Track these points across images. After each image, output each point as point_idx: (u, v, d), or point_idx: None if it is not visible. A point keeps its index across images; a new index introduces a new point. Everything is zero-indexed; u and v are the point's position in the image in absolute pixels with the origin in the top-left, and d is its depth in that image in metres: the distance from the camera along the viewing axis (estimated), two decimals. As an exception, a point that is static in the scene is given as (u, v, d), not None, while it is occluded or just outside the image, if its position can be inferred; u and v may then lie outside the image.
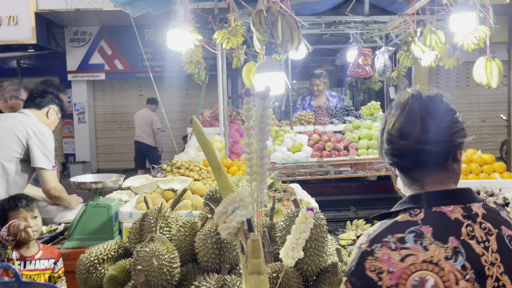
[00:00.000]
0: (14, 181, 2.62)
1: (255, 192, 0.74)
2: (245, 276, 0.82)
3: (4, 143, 2.59)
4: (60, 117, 2.96)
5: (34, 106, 2.83)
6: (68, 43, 11.02)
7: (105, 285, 1.68)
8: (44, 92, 2.87)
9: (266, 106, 0.67)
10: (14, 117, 2.71)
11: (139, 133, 9.06)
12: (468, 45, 3.08)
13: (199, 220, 1.75)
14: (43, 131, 2.68)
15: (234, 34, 2.69)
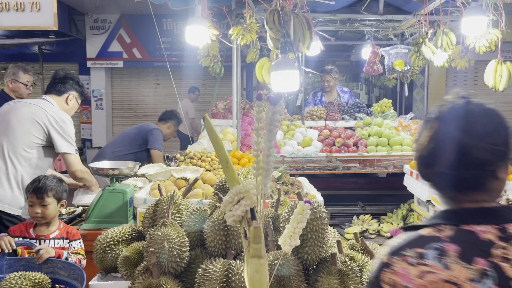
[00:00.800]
0: (37, 166, 2.74)
1: (260, 185, 0.83)
2: (246, 259, 0.92)
3: (27, 130, 2.69)
4: (79, 103, 3.06)
5: (55, 92, 2.94)
6: (89, 31, 11.20)
7: (119, 265, 1.80)
8: (64, 79, 2.97)
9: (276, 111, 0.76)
10: (36, 104, 2.81)
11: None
12: (480, 47, 3.11)
13: (208, 208, 1.86)
14: (63, 118, 2.79)
15: (249, 30, 2.78)
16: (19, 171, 2.66)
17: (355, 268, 1.63)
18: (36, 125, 2.70)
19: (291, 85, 2.15)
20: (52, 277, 1.98)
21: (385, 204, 4.29)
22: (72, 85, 2.97)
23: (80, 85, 3.03)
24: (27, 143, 2.68)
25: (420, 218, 3.24)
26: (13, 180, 2.64)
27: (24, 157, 2.68)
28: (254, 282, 0.92)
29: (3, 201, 2.60)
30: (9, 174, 2.63)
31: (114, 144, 4.27)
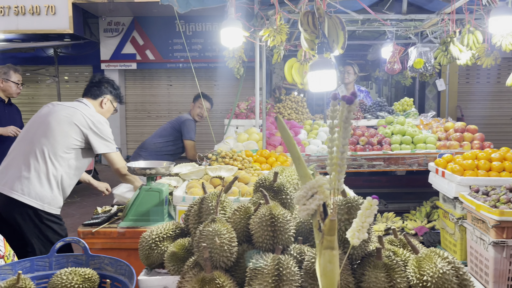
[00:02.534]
0: (76, 167, 2.83)
1: (334, 181, 0.89)
2: (319, 251, 0.97)
3: (66, 132, 2.76)
4: (115, 106, 3.13)
5: (90, 96, 3.02)
6: (102, 33, 11.35)
7: (166, 260, 1.86)
8: (99, 83, 3.05)
9: (351, 109, 0.81)
10: (74, 107, 2.88)
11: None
12: (506, 46, 3.13)
13: (251, 205, 1.91)
14: (99, 120, 2.87)
15: (279, 32, 2.84)
16: (59, 172, 2.74)
17: (399, 263, 1.67)
18: (74, 128, 2.78)
19: (328, 85, 2.20)
20: (100, 273, 2.04)
21: (406, 201, 4.32)
22: (107, 88, 3.05)
23: (115, 88, 3.11)
24: (66, 145, 2.76)
25: (446, 215, 3.27)
26: (53, 181, 2.72)
27: (64, 158, 2.75)
28: (327, 272, 0.97)
29: (43, 200, 2.68)
30: (50, 174, 2.71)
31: (155, 137, 4.68)
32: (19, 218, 2.68)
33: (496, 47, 3.33)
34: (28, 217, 2.68)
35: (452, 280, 1.50)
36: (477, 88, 10.65)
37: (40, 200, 2.67)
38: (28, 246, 2.75)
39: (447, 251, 3.32)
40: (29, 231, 2.70)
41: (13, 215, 2.69)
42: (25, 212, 2.67)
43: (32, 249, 2.74)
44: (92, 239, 2.51)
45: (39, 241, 2.71)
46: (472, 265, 2.86)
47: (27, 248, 2.76)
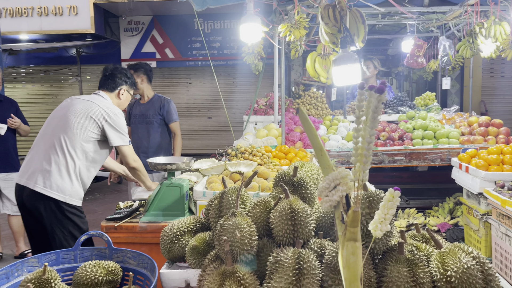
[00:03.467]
0: (93, 159, 2.89)
1: (358, 172, 0.88)
2: (342, 243, 0.97)
3: (83, 125, 2.84)
4: (132, 93, 3.23)
5: (106, 89, 3.10)
6: (123, 32, 11.50)
7: (188, 254, 1.88)
8: (113, 75, 3.11)
9: (381, 99, 0.80)
10: (90, 100, 2.95)
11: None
12: (533, 36, 3.03)
13: (271, 200, 1.92)
14: (115, 112, 2.94)
15: (297, 26, 2.82)
16: (77, 164, 2.82)
17: (422, 257, 1.65)
18: (91, 121, 2.85)
19: (352, 79, 2.18)
20: (122, 266, 2.07)
21: (428, 197, 4.25)
22: (121, 79, 3.12)
23: (129, 77, 3.17)
24: (84, 137, 2.83)
25: (470, 211, 3.20)
26: (73, 173, 2.80)
27: (82, 150, 2.83)
28: (350, 264, 0.96)
29: (64, 192, 2.76)
30: (69, 167, 2.79)
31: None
32: (42, 210, 2.77)
33: (521, 38, 3.24)
34: (50, 210, 2.76)
35: (477, 276, 1.47)
36: (502, 83, 10.37)
37: (62, 192, 2.76)
38: (51, 239, 2.82)
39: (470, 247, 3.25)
40: (52, 223, 2.78)
41: (37, 208, 2.78)
42: (48, 205, 2.76)
43: (54, 241, 2.81)
44: (115, 233, 2.55)
45: (61, 233, 2.79)
46: (497, 262, 2.79)
47: (51, 241, 2.84)
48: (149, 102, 4.36)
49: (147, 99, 4.38)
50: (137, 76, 4.25)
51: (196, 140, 11.76)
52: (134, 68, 4.30)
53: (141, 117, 4.32)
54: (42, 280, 1.67)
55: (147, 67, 4.39)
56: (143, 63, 4.43)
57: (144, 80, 4.33)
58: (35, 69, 12.08)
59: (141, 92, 4.34)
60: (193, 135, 11.70)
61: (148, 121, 4.27)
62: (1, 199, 4.68)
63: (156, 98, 4.37)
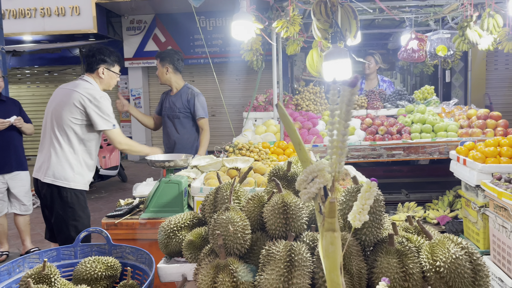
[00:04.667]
0: (89, 142, 3.06)
1: (335, 164, 0.91)
2: (321, 233, 1.00)
3: (68, 114, 2.96)
4: (116, 71, 3.19)
5: (87, 70, 3.16)
6: (125, 32, 11.57)
7: (184, 249, 1.92)
8: (91, 56, 3.13)
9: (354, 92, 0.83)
10: (71, 89, 3.04)
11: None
12: (528, 28, 3.03)
13: (265, 194, 1.95)
14: (95, 96, 2.98)
15: (292, 23, 2.85)
16: (75, 150, 2.98)
17: (412, 249, 1.68)
18: (74, 108, 2.95)
19: (343, 74, 2.20)
20: (121, 261, 2.12)
21: (428, 191, 4.26)
22: (98, 58, 3.11)
23: (108, 55, 3.13)
24: (73, 125, 2.97)
25: (468, 204, 3.22)
26: (72, 159, 2.98)
27: (75, 137, 2.98)
28: (329, 254, 0.99)
29: (67, 179, 2.96)
30: (67, 155, 2.96)
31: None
32: (50, 198, 2.98)
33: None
34: (58, 197, 2.96)
35: (465, 266, 1.50)
36: (507, 75, 10.30)
37: (65, 179, 2.95)
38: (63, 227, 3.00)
39: (468, 239, 3.27)
40: (61, 211, 2.97)
41: (47, 197, 2.99)
42: (54, 193, 2.96)
43: (62, 230, 3.01)
44: (116, 230, 2.60)
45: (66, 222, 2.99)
46: (495, 253, 2.81)
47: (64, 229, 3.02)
48: (177, 94, 3.99)
49: (176, 91, 4.01)
50: (162, 66, 3.94)
51: (200, 138, 11.79)
52: (160, 56, 3.96)
53: (169, 110, 4.00)
54: (42, 276, 1.72)
55: (175, 56, 3.94)
56: (171, 51, 4.01)
57: (169, 70, 3.93)
58: (39, 70, 12.19)
59: (168, 83, 4.00)
60: (197, 132, 11.71)
61: (174, 115, 3.96)
62: (9, 199, 4.75)
63: (184, 90, 3.99)
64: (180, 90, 3.99)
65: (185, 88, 4.00)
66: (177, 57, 3.95)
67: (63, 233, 2.98)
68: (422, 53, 4.70)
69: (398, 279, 1.54)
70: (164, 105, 4.10)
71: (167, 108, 4.04)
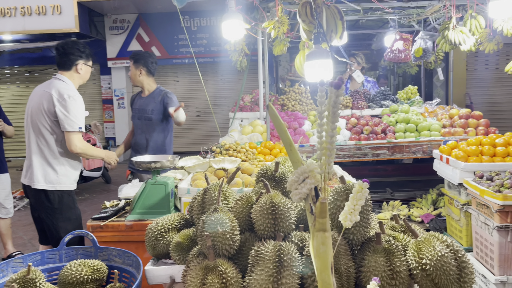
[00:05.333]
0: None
1: (324, 165, 0.92)
2: (312, 233, 1.01)
3: (43, 115, 2.92)
4: (90, 65, 3.15)
5: (63, 68, 3.06)
6: (108, 31, 11.42)
7: (172, 250, 1.91)
8: (66, 53, 3.03)
9: (339, 94, 0.84)
10: (44, 90, 2.98)
11: None
12: (508, 30, 3.11)
13: (253, 195, 1.95)
14: (63, 95, 2.90)
15: (281, 23, 2.85)
16: (55, 151, 2.94)
17: (399, 247, 1.70)
18: (48, 109, 2.91)
19: (324, 75, 2.22)
20: (108, 264, 2.10)
21: (413, 189, 4.33)
22: (75, 54, 3.03)
23: (83, 50, 3.08)
24: (49, 125, 2.93)
25: (451, 202, 3.28)
26: (53, 161, 2.93)
27: (54, 139, 2.94)
28: (320, 254, 1.00)
29: (52, 182, 2.92)
30: (47, 157, 2.92)
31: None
32: (39, 204, 2.94)
33: (497, 31, 3.31)
34: (46, 201, 2.92)
35: (450, 263, 1.52)
36: (486, 75, 10.53)
37: (50, 182, 2.91)
38: (52, 231, 2.97)
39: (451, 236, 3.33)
40: (47, 215, 2.93)
41: (35, 202, 2.96)
42: (41, 197, 2.92)
43: (52, 233, 2.97)
44: (101, 233, 2.57)
45: (55, 225, 2.95)
46: (478, 250, 2.87)
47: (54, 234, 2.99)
48: (150, 96, 3.91)
49: (148, 93, 3.94)
50: (135, 68, 3.87)
51: (185, 138, 11.75)
52: (134, 58, 3.90)
53: (140, 111, 3.93)
54: (27, 280, 1.69)
55: (149, 59, 3.90)
56: (144, 53, 3.97)
57: (142, 73, 3.86)
58: (20, 70, 11.94)
59: (140, 85, 3.94)
60: (182, 133, 11.68)
61: (146, 116, 3.87)
62: None
63: (157, 92, 3.92)
64: (153, 92, 3.94)
65: (158, 91, 3.95)
66: (151, 60, 3.91)
67: (54, 236, 2.94)
68: (407, 53, 4.77)
69: (385, 277, 1.56)
70: (134, 107, 4.03)
71: (137, 110, 3.97)
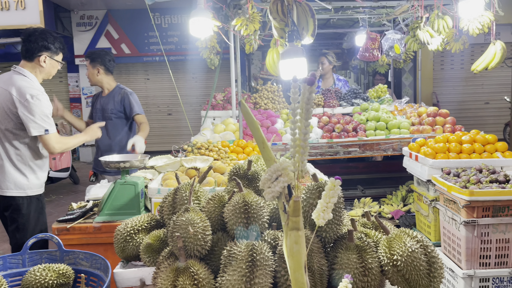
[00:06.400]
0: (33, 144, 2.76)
1: (297, 162, 0.90)
2: (286, 232, 0.99)
3: (5, 118, 2.67)
4: (59, 60, 2.84)
5: (25, 58, 2.74)
6: (75, 27, 11.10)
7: (142, 252, 1.86)
8: (29, 41, 2.71)
9: (312, 90, 0.82)
10: (3, 87, 2.67)
11: None
12: (473, 30, 3.20)
13: (225, 194, 1.92)
14: (25, 96, 2.61)
15: (251, 21, 2.83)
16: (23, 156, 2.73)
17: (371, 244, 1.71)
18: (8, 111, 2.66)
19: (298, 73, 2.22)
20: (75, 268, 2.03)
21: (383, 186, 4.41)
22: (39, 44, 2.70)
23: (51, 41, 2.74)
24: (13, 128, 2.69)
25: (420, 198, 3.35)
26: (23, 166, 2.74)
27: (19, 142, 2.71)
28: (293, 253, 0.99)
29: (23, 187, 2.74)
30: (15, 162, 2.72)
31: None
32: (12, 211, 2.76)
33: (463, 31, 3.41)
34: (18, 208, 2.75)
35: (421, 258, 1.55)
36: (452, 74, 10.87)
37: (21, 188, 2.73)
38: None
39: (420, 232, 3.40)
40: (20, 221, 2.78)
41: (9, 210, 2.77)
42: (13, 204, 2.74)
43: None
44: (68, 235, 2.48)
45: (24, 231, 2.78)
46: (446, 245, 2.94)
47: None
48: (109, 95, 3.86)
49: (108, 92, 3.88)
50: (92, 67, 3.79)
51: (156, 137, 11.56)
52: (90, 57, 3.82)
53: (101, 111, 3.86)
54: (-14, 287, 1.60)
55: (106, 57, 3.83)
56: (102, 52, 3.89)
57: (100, 71, 3.80)
58: (-19, 67, 11.45)
59: (99, 85, 3.89)
60: (153, 132, 11.48)
61: (106, 116, 3.81)
62: None
63: (117, 91, 3.87)
64: (112, 91, 3.88)
65: (117, 89, 3.89)
66: (108, 58, 3.85)
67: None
68: (374, 52, 4.84)
69: (358, 274, 1.57)
70: (95, 107, 3.96)
71: (98, 110, 3.91)
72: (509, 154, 3.10)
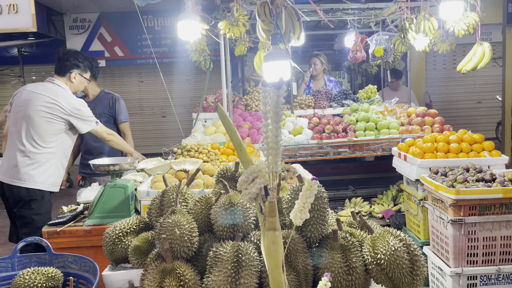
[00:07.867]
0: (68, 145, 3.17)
1: (271, 164, 0.92)
2: (263, 232, 1.01)
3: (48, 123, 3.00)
4: (88, 77, 3.27)
5: (58, 73, 3.16)
6: (68, 31, 11.06)
7: (130, 254, 1.87)
8: (63, 59, 3.15)
9: (280, 94, 0.84)
10: (45, 95, 3.02)
11: None
12: (459, 31, 3.25)
13: (213, 196, 1.94)
14: (76, 106, 3.04)
15: (237, 24, 2.85)
16: (53, 154, 3.04)
17: (355, 243, 1.74)
18: (56, 118, 3.00)
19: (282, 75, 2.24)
20: (64, 271, 2.04)
21: (374, 186, 4.44)
22: (72, 62, 3.14)
23: (81, 60, 3.19)
24: (52, 131, 3.02)
25: (409, 198, 3.38)
26: (49, 163, 3.03)
27: (53, 141, 3.03)
28: (271, 253, 1.01)
29: (45, 182, 3.06)
30: (41, 159, 2.99)
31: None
32: (28, 203, 3.03)
33: (449, 32, 3.46)
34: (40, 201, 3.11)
35: (403, 257, 1.57)
36: (444, 74, 10.95)
37: (43, 183, 3.00)
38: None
39: (410, 231, 3.43)
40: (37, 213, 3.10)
41: (24, 202, 3.03)
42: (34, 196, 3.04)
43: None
44: (58, 239, 2.49)
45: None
46: (434, 243, 2.98)
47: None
48: (95, 99, 3.98)
49: (93, 97, 4.01)
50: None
51: (151, 140, 11.55)
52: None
53: None
54: (-26, 291, 1.61)
55: (92, 64, 3.89)
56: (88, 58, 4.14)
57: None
58: (-27, 71, 11.40)
59: (84, 90, 3.98)
60: (147, 134, 11.49)
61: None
62: None
63: (103, 95, 4.01)
64: (98, 95, 4.04)
65: (103, 94, 4.05)
66: (94, 64, 3.91)
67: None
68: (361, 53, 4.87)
69: (342, 273, 1.59)
70: None
71: None
72: (495, 153, 3.15)
